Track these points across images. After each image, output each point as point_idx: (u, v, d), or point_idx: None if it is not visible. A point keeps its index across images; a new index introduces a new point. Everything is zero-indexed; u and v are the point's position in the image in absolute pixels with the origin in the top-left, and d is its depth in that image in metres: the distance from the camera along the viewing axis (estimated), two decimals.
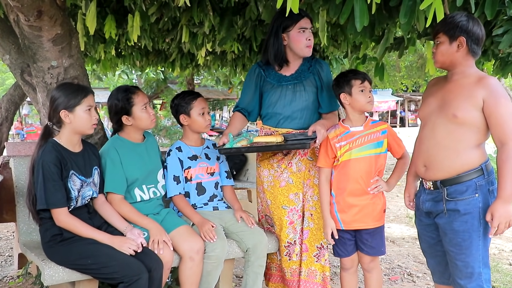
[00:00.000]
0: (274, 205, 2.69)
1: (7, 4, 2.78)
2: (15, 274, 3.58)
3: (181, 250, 2.39)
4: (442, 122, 2.15)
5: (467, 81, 2.11)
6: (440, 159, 2.16)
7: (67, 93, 2.25)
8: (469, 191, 2.11)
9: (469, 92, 2.07)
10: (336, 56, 5.44)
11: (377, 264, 2.61)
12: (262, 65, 2.73)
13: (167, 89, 16.63)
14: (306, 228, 2.63)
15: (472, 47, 2.09)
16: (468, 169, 2.11)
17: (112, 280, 2.14)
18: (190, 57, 5.31)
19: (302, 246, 2.63)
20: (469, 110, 2.06)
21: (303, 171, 2.65)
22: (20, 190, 2.60)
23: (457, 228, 2.13)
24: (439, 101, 2.20)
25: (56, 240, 2.22)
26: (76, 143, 2.34)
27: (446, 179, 2.15)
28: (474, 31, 2.06)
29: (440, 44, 2.13)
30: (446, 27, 2.08)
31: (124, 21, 3.56)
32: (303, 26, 2.54)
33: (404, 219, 5.73)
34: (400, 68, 11.97)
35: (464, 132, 2.09)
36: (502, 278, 3.64)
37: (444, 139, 2.14)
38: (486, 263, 2.15)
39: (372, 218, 2.48)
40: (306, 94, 2.64)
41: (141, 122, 2.53)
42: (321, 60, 2.71)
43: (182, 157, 2.72)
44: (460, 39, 2.07)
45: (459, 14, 2.10)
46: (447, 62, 2.15)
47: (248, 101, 2.77)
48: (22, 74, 3.40)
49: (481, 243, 2.12)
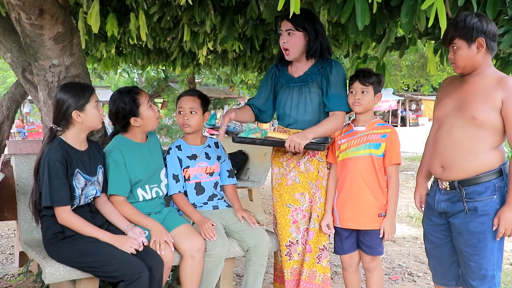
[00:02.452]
0: (279, 203, 2.69)
1: (9, 2, 2.79)
2: (16, 272, 3.59)
3: (182, 249, 2.40)
4: (460, 123, 2.12)
5: (485, 82, 2.08)
6: (458, 160, 2.13)
7: (75, 94, 2.25)
8: (488, 192, 2.09)
9: (488, 94, 2.04)
10: (337, 56, 5.43)
11: (378, 264, 2.61)
12: (279, 64, 2.74)
13: (168, 88, 16.64)
14: (312, 229, 2.62)
15: (491, 45, 2.06)
16: (487, 170, 2.09)
17: (113, 278, 2.15)
18: (191, 56, 5.31)
19: (306, 246, 2.62)
20: (488, 112, 2.04)
21: (312, 172, 2.64)
22: (21, 188, 2.61)
23: (473, 229, 2.11)
24: (456, 102, 2.16)
25: (58, 238, 2.22)
26: (83, 141, 2.35)
27: (465, 179, 2.12)
28: (490, 29, 2.03)
29: (458, 49, 2.07)
30: (461, 31, 2.04)
31: (126, 19, 3.57)
32: (280, 30, 2.57)
33: (405, 218, 5.73)
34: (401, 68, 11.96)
35: (483, 133, 2.07)
36: (503, 278, 3.64)
37: (462, 140, 2.11)
38: (499, 266, 2.13)
39: (366, 220, 2.48)
40: (312, 96, 2.60)
41: (149, 121, 2.53)
42: (334, 61, 2.65)
43: (181, 156, 2.73)
44: (479, 40, 2.03)
45: (467, 15, 2.05)
46: (468, 65, 2.10)
47: (260, 98, 2.78)
48: (24, 73, 3.40)
49: (496, 245, 2.10)
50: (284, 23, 2.54)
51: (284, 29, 2.53)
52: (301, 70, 2.64)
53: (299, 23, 2.51)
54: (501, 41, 2.56)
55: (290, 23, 2.51)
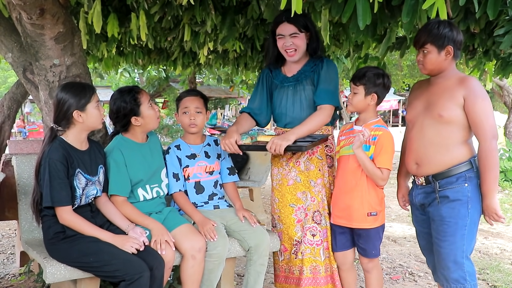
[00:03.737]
0: (282, 203, 2.70)
1: (10, 2, 2.78)
2: (17, 272, 3.60)
3: (182, 248, 2.40)
4: (429, 122, 2.28)
5: (449, 83, 2.24)
6: (430, 156, 2.29)
7: (76, 93, 2.25)
8: (459, 181, 2.24)
9: (451, 92, 2.21)
10: (338, 56, 5.43)
11: (376, 264, 2.61)
12: (271, 66, 2.76)
13: (169, 88, 16.62)
14: (324, 227, 2.64)
15: (456, 53, 2.24)
16: (458, 162, 2.24)
17: (114, 278, 2.15)
18: (192, 56, 5.31)
19: (323, 243, 2.63)
20: (452, 109, 2.20)
21: (312, 170, 2.65)
22: (22, 188, 2.61)
23: (444, 214, 2.25)
24: (424, 103, 2.33)
25: (59, 238, 2.22)
26: (83, 141, 2.35)
27: (438, 173, 2.27)
28: (458, 39, 2.22)
29: (428, 53, 2.24)
30: (433, 38, 2.20)
31: (127, 19, 3.57)
32: (280, 33, 2.58)
33: (406, 218, 5.72)
34: (402, 67, 11.96)
35: (451, 129, 2.22)
36: (504, 278, 3.64)
37: (433, 138, 2.27)
38: (468, 256, 2.24)
39: (356, 218, 2.48)
40: (306, 93, 2.64)
41: (149, 121, 2.53)
42: (327, 59, 2.68)
43: (181, 155, 2.73)
44: (448, 48, 2.20)
45: (440, 23, 2.20)
46: (436, 69, 2.27)
47: (255, 102, 2.79)
48: (25, 72, 3.39)
49: (466, 232, 2.21)
50: (286, 27, 2.54)
51: (287, 33, 2.55)
52: (294, 69, 2.68)
53: (302, 24, 2.54)
54: (502, 41, 2.56)
55: (294, 26, 2.53)
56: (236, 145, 2.50)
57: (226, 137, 2.52)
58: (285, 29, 2.55)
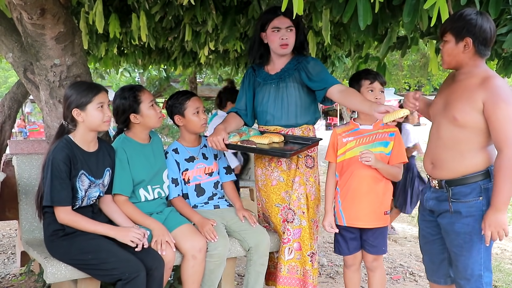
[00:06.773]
0: (268, 204, 2.73)
1: (11, 2, 2.79)
2: (17, 272, 3.60)
3: (183, 248, 2.40)
4: (445, 123, 2.11)
5: (470, 82, 2.02)
6: (444, 159, 2.13)
7: (79, 92, 2.25)
8: (473, 193, 2.06)
9: (470, 94, 1.99)
10: (339, 55, 5.43)
11: (380, 263, 2.61)
12: (255, 66, 2.78)
13: (170, 88, 16.62)
14: (297, 226, 2.58)
15: (479, 48, 2.00)
16: (473, 171, 2.05)
17: (111, 277, 2.12)
18: (192, 56, 5.31)
19: (294, 244, 2.58)
20: (469, 113, 2.00)
21: (293, 169, 2.66)
22: (23, 188, 2.61)
23: (459, 230, 2.10)
24: (444, 100, 2.15)
25: (58, 235, 2.22)
26: (91, 142, 2.33)
27: (451, 179, 2.11)
28: (482, 32, 1.96)
29: (446, 43, 2.05)
30: (453, 25, 2.00)
31: (127, 19, 3.57)
32: (276, 26, 2.57)
33: (407, 218, 5.72)
34: (403, 67, 11.95)
35: (467, 134, 2.03)
36: (504, 277, 3.64)
37: (448, 140, 2.10)
38: (487, 267, 2.11)
39: (375, 218, 2.49)
40: (290, 90, 2.64)
41: (149, 120, 2.53)
42: (309, 57, 2.71)
43: (179, 159, 2.72)
44: (466, 40, 1.99)
45: (468, 11, 2.00)
46: (453, 62, 2.08)
47: (241, 101, 2.81)
48: (25, 72, 3.39)
49: (482, 246, 2.08)
50: (282, 20, 2.56)
51: (284, 26, 2.56)
52: (278, 67, 2.69)
53: (295, 19, 2.54)
54: (504, 40, 2.55)
55: (289, 20, 2.56)
56: (223, 143, 2.50)
57: (214, 134, 2.52)
58: (282, 22, 2.57)
